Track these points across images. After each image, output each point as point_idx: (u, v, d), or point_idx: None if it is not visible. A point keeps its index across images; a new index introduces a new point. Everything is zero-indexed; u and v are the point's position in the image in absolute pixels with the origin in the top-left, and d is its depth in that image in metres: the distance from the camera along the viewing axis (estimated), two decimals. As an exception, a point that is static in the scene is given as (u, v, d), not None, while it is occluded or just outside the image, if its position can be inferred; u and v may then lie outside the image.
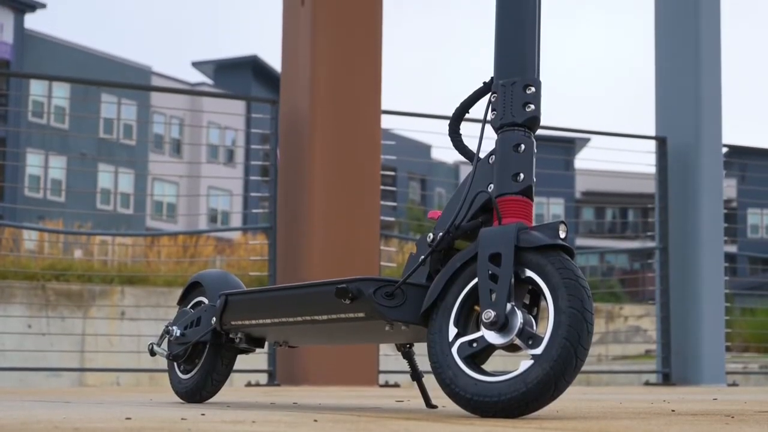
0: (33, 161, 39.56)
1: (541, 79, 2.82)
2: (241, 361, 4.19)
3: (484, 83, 2.90)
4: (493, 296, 2.59)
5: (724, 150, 9.82)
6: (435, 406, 3.21)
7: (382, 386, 7.95)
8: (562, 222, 2.62)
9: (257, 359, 6.76)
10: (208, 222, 44.45)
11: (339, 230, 7.64)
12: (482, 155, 2.84)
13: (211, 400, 3.72)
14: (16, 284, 14.41)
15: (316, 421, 2.44)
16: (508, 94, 2.79)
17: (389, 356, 8.83)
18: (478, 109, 2.94)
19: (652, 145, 9.68)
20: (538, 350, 2.51)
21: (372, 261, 7.71)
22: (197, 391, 3.65)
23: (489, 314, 2.57)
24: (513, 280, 2.59)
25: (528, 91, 2.77)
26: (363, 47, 7.76)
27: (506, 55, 2.83)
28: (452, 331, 2.69)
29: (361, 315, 2.85)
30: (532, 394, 2.48)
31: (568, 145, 49.98)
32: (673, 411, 3.13)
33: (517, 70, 2.80)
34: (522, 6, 2.84)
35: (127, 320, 14.28)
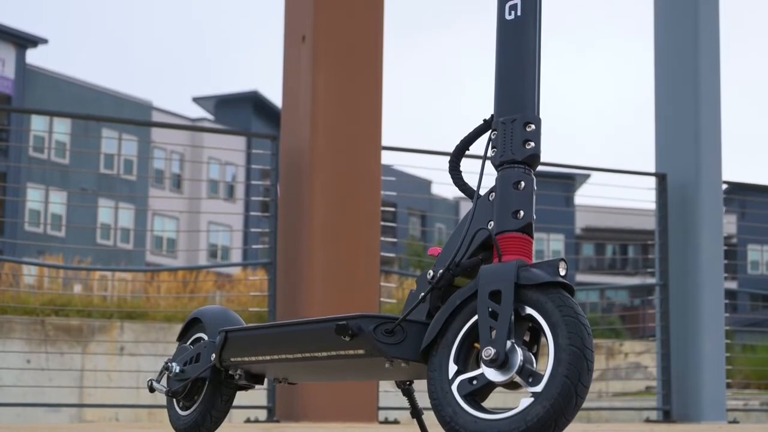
0: (33, 196, 39.60)
1: (542, 116, 2.82)
2: (241, 397, 4.18)
3: (485, 120, 2.91)
4: (493, 333, 2.58)
5: (724, 186, 9.82)
6: (435, 444, 3.20)
7: (381, 423, 7.93)
8: (562, 259, 2.63)
9: (256, 395, 6.75)
10: (208, 257, 44.44)
11: (339, 266, 7.63)
12: (482, 192, 2.85)
13: (210, 437, 3.70)
14: (16, 319, 14.38)
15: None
16: (508, 131, 2.80)
17: (389, 393, 8.80)
18: (479, 146, 2.95)
19: (652, 181, 9.68)
20: (539, 388, 2.51)
21: (372, 297, 7.70)
22: (196, 428, 3.63)
23: (489, 352, 2.57)
24: (513, 317, 2.59)
25: (528, 129, 2.78)
26: (364, 83, 7.78)
27: (506, 93, 2.84)
28: (452, 368, 2.68)
29: (360, 352, 2.85)
30: (532, 432, 2.48)
31: (568, 182, 50.04)
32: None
33: (517, 107, 2.81)
34: (522, 43, 2.85)
35: (126, 356, 14.24)
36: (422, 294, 2.85)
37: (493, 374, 2.59)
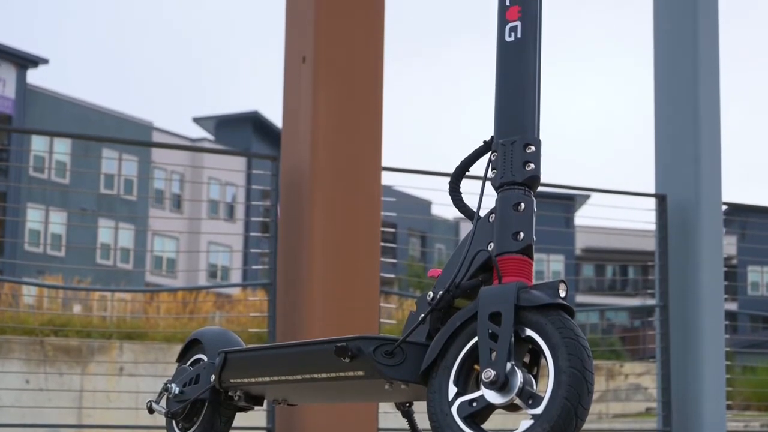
0: (33, 216, 39.61)
1: (542, 137, 2.83)
2: (240, 418, 4.17)
3: (485, 142, 2.91)
4: (493, 355, 2.58)
5: (725, 208, 9.83)
6: (434, 465, 3.19)
7: (381, 444, 7.90)
8: (562, 281, 2.63)
9: (256, 416, 6.72)
10: (208, 277, 44.42)
11: (339, 287, 7.62)
12: (482, 213, 2.85)
13: (209, 459, 3.69)
14: (15, 339, 14.37)
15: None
16: (508, 153, 2.80)
17: (389, 414, 8.78)
18: (479, 167, 2.96)
19: (651, 202, 9.68)
20: (539, 410, 2.50)
21: (372, 318, 7.69)
22: (195, 449, 3.63)
23: (489, 373, 2.56)
24: (513, 339, 2.59)
25: (528, 150, 2.79)
26: (364, 104, 7.78)
27: (506, 114, 2.85)
28: (452, 390, 2.68)
29: (360, 373, 2.84)
30: (532, 455, 2.47)
31: (568, 203, 50.08)
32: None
33: (517, 129, 2.81)
34: (522, 65, 2.86)
35: (125, 376, 14.22)
36: (422, 315, 2.85)
37: (493, 396, 2.59)
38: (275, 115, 54.22)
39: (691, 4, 9.39)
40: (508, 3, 2.91)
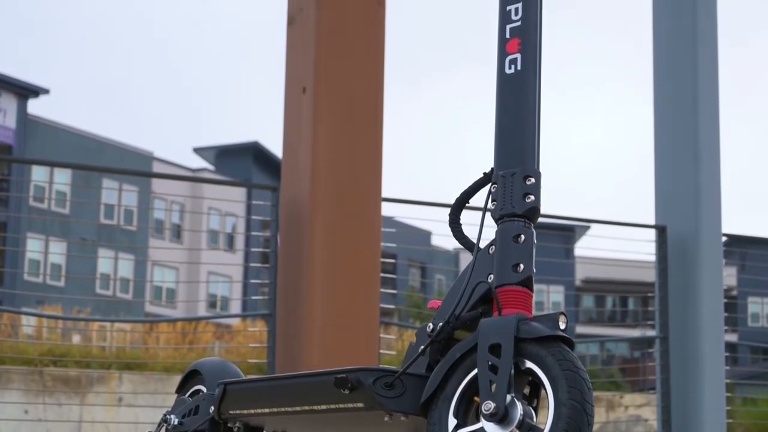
0: (33, 246, 39.61)
1: (541, 169, 2.84)
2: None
3: (485, 174, 2.92)
4: (493, 387, 2.58)
5: (724, 239, 9.83)
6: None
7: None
8: (563, 313, 2.63)
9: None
10: (208, 308, 44.37)
11: (339, 318, 7.61)
12: (482, 245, 2.85)
13: (208, 490, 3.68)
14: (14, 369, 14.34)
15: None
16: (508, 184, 2.81)
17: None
18: (479, 198, 2.96)
19: (651, 233, 9.69)
20: (539, 442, 2.50)
21: (371, 349, 7.68)
22: (194, 481, 3.61)
23: (489, 405, 2.56)
24: (513, 371, 2.58)
25: (528, 182, 2.79)
26: (364, 135, 7.79)
27: (506, 146, 2.86)
28: (452, 422, 2.68)
29: (360, 405, 2.84)
30: (532, 487, 2.47)
31: (567, 233, 50.06)
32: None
33: (517, 160, 2.82)
34: (522, 97, 2.87)
35: (124, 407, 14.18)
36: (422, 347, 2.85)
37: (492, 428, 2.58)
38: (275, 146, 54.29)
39: (690, 36, 9.42)
40: (508, 35, 2.93)
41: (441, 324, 2.82)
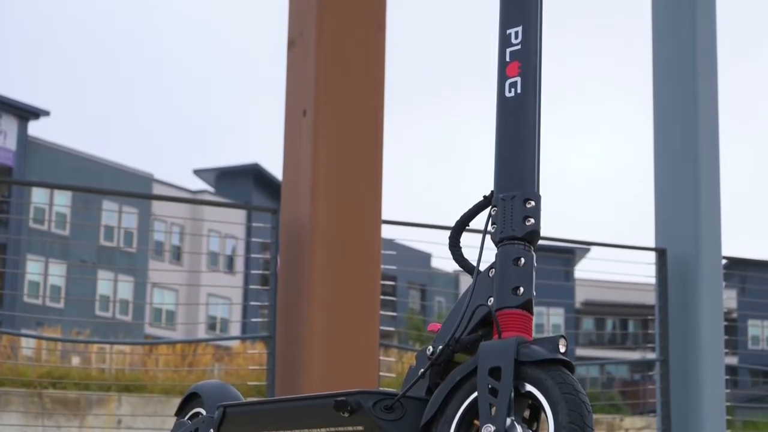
0: (33, 268, 39.57)
1: (541, 191, 2.84)
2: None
3: (485, 197, 2.92)
4: (493, 410, 2.58)
5: (724, 261, 9.82)
6: None
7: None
8: (563, 336, 2.63)
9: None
10: (207, 330, 44.32)
11: (339, 340, 7.60)
12: (482, 268, 2.86)
13: None
14: (13, 391, 14.32)
15: None
16: (508, 207, 2.81)
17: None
18: (479, 221, 2.96)
19: (651, 256, 9.68)
20: (539, 466, 2.50)
21: (371, 371, 7.66)
22: (193, 504, 3.60)
23: (489, 429, 2.56)
24: (513, 394, 2.58)
25: (528, 205, 2.80)
26: (365, 158, 7.80)
27: (506, 169, 2.86)
28: (452, 445, 2.67)
29: (360, 428, 2.84)
30: None
31: (567, 256, 50.02)
32: None
33: (517, 184, 2.83)
34: (522, 120, 2.87)
35: (123, 429, 14.15)
36: (422, 370, 2.85)
37: (493, 451, 2.58)
38: (275, 168, 54.34)
39: (690, 58, 9.44)
40: (508, 59, 2.93)
41: (441, 347, 2.82)
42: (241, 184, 51.29)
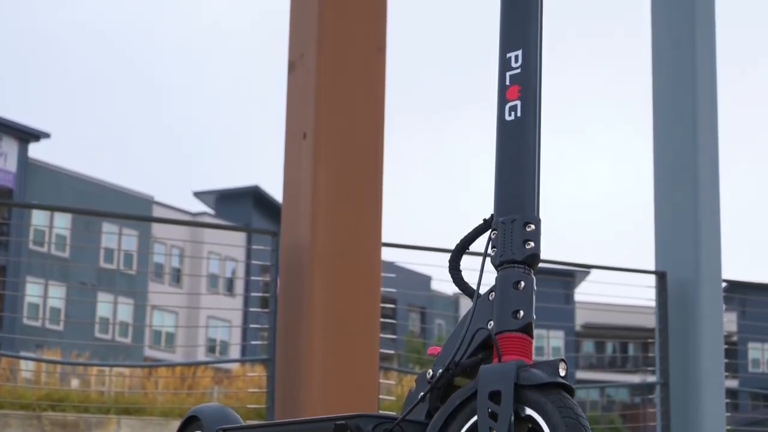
0: (33, 290, 39.56)
1: (541, 215, 2.84)
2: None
3: (485, 220, 2.92)
4: (493, 434, 2.57)
5: (724, 284, 9.81)
6: None
7: None
8: (562, 360, 2.62)
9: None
10: (207, 352, 44.25)
11: (338, 363, 7.59)
12: (482, 291, 2.85)
13: None
14: (12, 414, 14.28)
15: None
16: (508, 231, 2.81)
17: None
18: (479, 244, 2.96)
19: (651, 279, 9.68)
20: (538, 489, 2.49)
21: (371, 394, 7.65)
22: None
23: (489, 452, 2.55)
24: (513, 418, 2.57)
25: (528, 229, 2.80)
26: (364, 180, 7.80)
27: (506, 193, 2.86)
28: (452, 469, 2.67)
29: (359, 452, 2.83)
30: None
31: (567, 279, 49.99)
32: None
33: (516, 207, 2.83)
34: (522, 144, 2.87)
35: (122, 452, 14.11)
36: (421, 394, 2.84)
37: (492, 475, 2.57)
38: (276, 190, 54.37)
39: (689, 82, 9.46)
40: (508, 82, 2.94)
41: (441, 371, 2.81)
42: (241, 206, 51.33)
